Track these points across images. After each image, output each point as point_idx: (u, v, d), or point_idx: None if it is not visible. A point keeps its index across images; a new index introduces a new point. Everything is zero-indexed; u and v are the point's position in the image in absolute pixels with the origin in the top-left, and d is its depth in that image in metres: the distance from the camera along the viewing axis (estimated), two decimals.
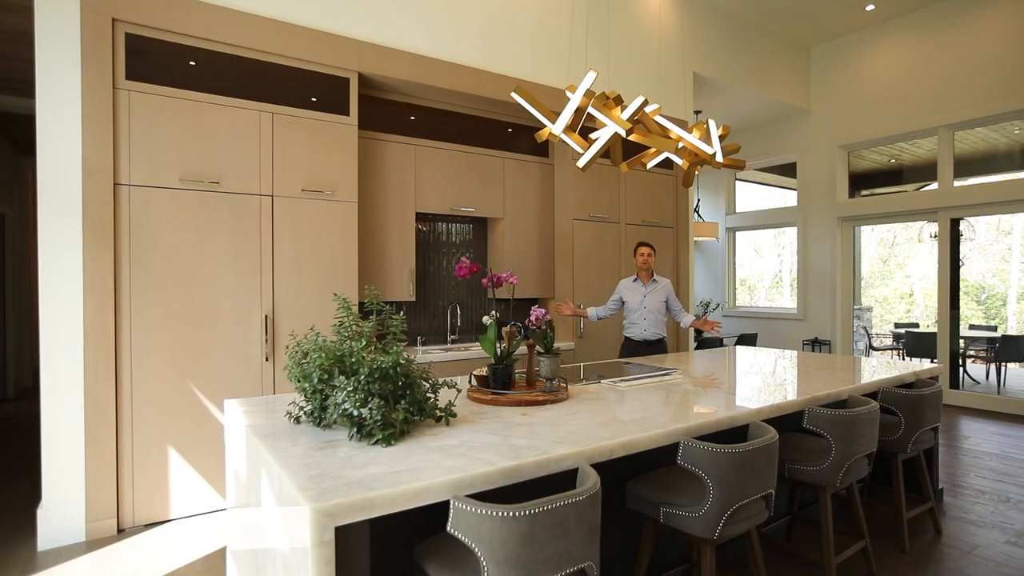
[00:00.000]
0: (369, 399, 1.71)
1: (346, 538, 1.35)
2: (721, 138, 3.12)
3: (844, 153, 6.89)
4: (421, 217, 4.51)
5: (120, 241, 3.01)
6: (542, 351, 2.40)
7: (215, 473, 3.26)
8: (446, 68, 4.08)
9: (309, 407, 1.92)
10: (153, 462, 3.09)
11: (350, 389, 1.71)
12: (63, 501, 2.86)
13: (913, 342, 7.25)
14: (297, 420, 1.96)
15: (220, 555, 2.73)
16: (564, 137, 2.56)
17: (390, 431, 1.70)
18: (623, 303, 4.24)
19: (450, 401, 1.97)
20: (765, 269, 10.76)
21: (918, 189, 8.16)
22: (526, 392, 2.35)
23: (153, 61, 3.11)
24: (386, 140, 4.08)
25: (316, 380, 1.77)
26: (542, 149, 4.99)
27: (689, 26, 5.68)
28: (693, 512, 1.86)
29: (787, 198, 9.26)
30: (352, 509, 1.28)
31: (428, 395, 1.91)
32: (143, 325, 3.06)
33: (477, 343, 4.70)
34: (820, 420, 2.30)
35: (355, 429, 1.73)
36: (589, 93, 2.46)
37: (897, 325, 8.79)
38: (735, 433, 2.20)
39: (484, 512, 1.29)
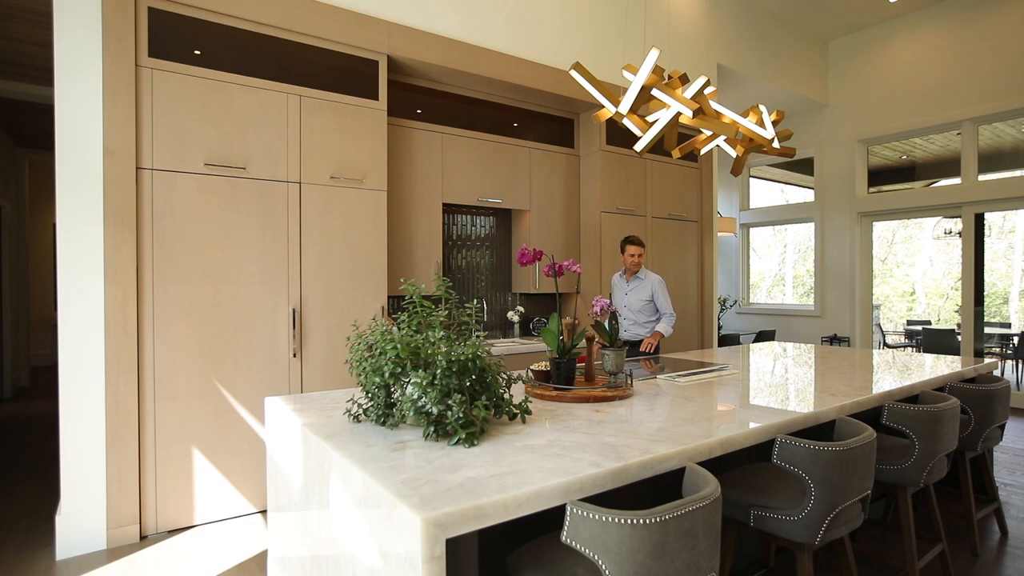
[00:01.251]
0: (449, 394, 1.56)
1: (455, 550, 1.19)
2: (774, 123, 2.98)
3: (863, 147, 6.80)
4: (444, 209, 4.35)
5: (143, 228, 2.82)
6: (606, 344, 2.26)
7: (241, 475, 3.08)
8: (475, 52, 3.93)
9: (371, 404, 1.76)
10: (176, 464, 2.91)
11: (427, 383, 1.55)
12: (83, 507, 2.68)
13: (930, 339, 7.19)
14: (356, 418, 1.80)
15: (255, 563, 2.56)
16: (627, 122, 2.42)
17: (471, 430, 1.55)
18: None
19: (526, 397, 1.81)
20: (764, 267, 10.69)
21: (927, 186, 8.11)
22: (592, 387, 2.20)
23: (177, 38, 2.93)
24: (413, 127, 3.92)
25: (387, 374, 1.61)
26: (567, 139, 4.84)
27: (714, 16, 5.56)
28: (791, 515, 1.72)
29: (789, 195, 9.18)
30: (464, 518, 1.12)
31: (502, 390, 1.76)
32: (166, 318, 2.88)
33: (504, 339, 4.54)
34: (902, 416, 2.17)
35: (432, 428, 1.57)
36: (658, 70, 2.31)
37: (909, 322, 8.74)
38: (810, 431, 2.06)
39: (611, 520, 1.14)
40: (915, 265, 12.58)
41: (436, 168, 4.03)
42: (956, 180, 7.96)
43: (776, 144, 2.88)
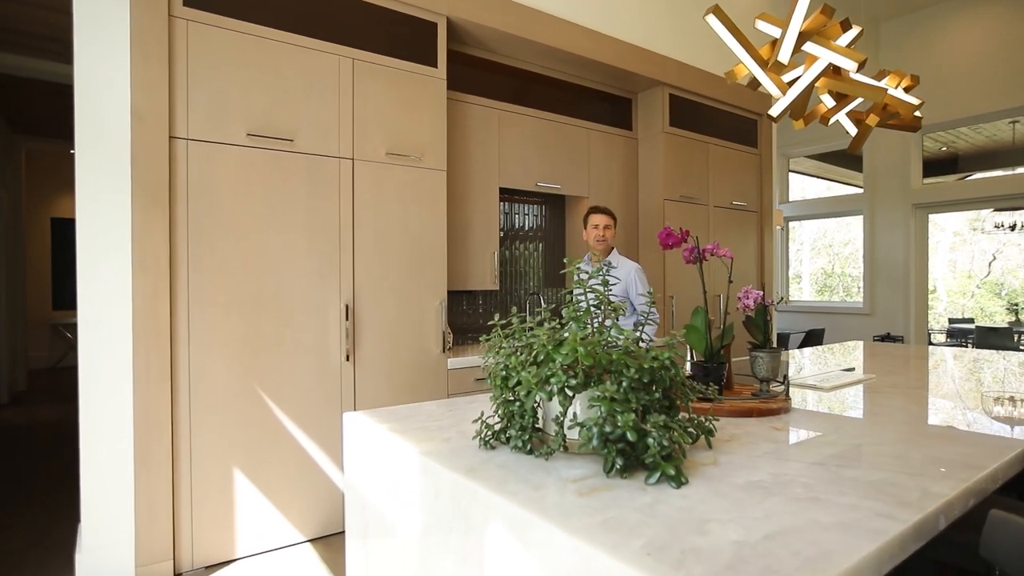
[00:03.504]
0: (646, 415, 1.15)
1: None
2: (906, 90, 2.59)
3: (918, 135, 6.44)
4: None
5: (176, 209, 2.39)
6: (758, 344, 1.85)
7: (286, 497, 2.65)
8: (536, 17, 3.50)
9: (512, 426, 1.34)
10: (214, 486, 2.48)
11: (609, 399, 1.14)
12: (108, 541, 2.24)
13: (983, 338, 6.84)
14: (488, 444, 1.38)
15: None
16: (762, 78, 2.01)
17: (677, 462, 1.14)
18: None
19: (711, 413, 1.40)
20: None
21: (962, 179, 7.77)
22: (741, 396, 1.79)
23: None
24: (468, 102, 3.49)
25: (556, 389, 1.19)
26: (625, 120, 4.43)
27: None
28: None
29: (807, 191, 8.82)
30: None
31: (684, 404, 1.34)
32: (202, 314, 2.45)
33: None
34: None
35: (618, 460, 1.16)
36: (827, 9, 1.90)
37: (951, 320, 8.41)
38: None
39: None
40: (936, 263, 12.29)
41: (492, 148, 3.60)
42: (999, 172, 7.63)
43: (918, 113, 2.48)
